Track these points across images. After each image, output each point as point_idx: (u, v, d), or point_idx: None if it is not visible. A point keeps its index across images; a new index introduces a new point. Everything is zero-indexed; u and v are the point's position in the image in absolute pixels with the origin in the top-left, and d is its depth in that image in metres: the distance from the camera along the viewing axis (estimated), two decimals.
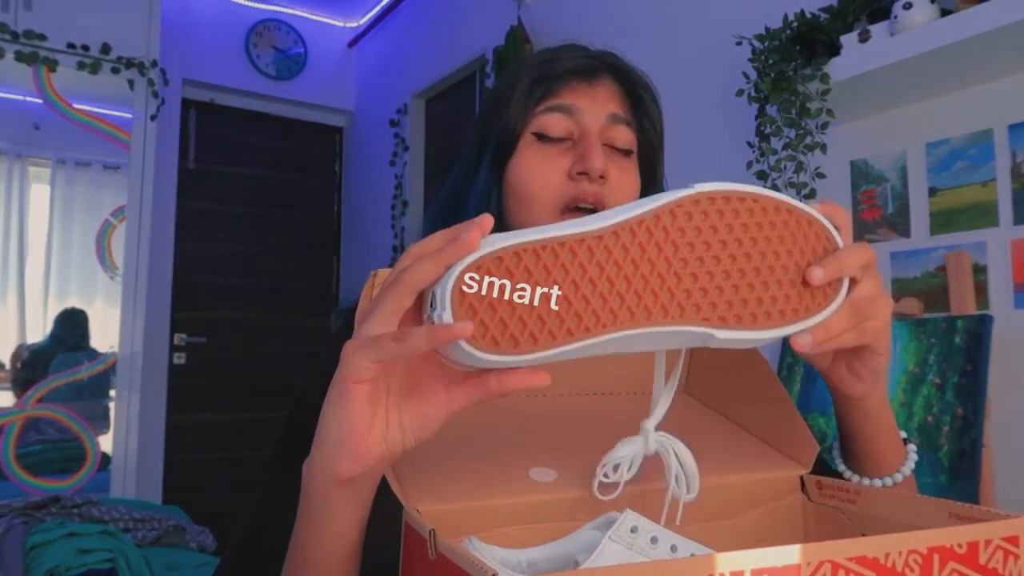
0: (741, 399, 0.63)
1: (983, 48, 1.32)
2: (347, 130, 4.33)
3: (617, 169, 0.70)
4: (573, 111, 0.70)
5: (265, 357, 3.94)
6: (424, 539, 0.39)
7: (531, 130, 0.71)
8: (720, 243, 0.42)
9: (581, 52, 0.74)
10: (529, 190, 0.70)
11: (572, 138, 0.70)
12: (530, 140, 0.71)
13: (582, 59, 0.72)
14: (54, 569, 1.63)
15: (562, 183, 0.69)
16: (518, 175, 0.71)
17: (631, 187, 0.72)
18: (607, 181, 0.69)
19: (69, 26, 2.85)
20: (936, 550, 0.35)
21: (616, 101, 0.72)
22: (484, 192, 0.72)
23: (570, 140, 0.70)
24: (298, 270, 4.13)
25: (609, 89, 0.73)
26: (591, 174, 0.67)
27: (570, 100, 0.70)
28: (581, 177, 0.68)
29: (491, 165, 0.73)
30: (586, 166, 0.67)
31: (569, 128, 0.70)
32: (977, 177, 1.46)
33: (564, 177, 0.69)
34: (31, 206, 3.75)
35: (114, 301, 3.06)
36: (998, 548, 0.37)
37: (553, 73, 0.71)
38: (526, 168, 0.70)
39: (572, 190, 0.68)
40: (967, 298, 1.43)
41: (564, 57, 0.72)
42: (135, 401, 2.93)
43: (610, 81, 0.73)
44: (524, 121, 0.71)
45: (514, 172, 0.71)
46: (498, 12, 2.91)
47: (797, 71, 1.54)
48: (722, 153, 1.95)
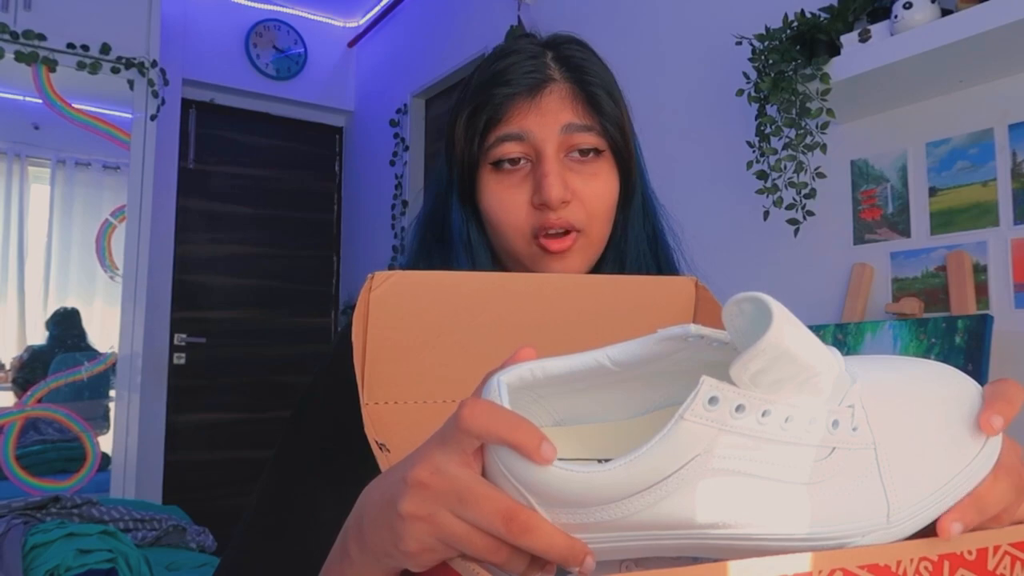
0: None
1: (983, 48, 1.32)
2: (347, 130, 4.33)
3: (582, 179, 0.68)
4: (523, 136, 0.67)
5: (265, 357, 3.94)
6: None
7: (488, 161, 0.69)
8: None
9: (526, 64, 0.69)
10: (499, 222, 0.69)
11: (530, 159, 0.68)
12: (489, 171, 0.69)
13: (525, 76, 0.68)
14: (54, 569, 1.63)
15: (528, 213, 0.67)
16: (485, 209, 0.70)
17: (603, 191, 0.69)
18: (570, 203, 0.67)
19: (69, 26, 2.85)
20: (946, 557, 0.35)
21: (568, 108, 0.68)
22: (462, 226, 0.72)
23: (528, 161, 0.68)
24: (298, 270, 4.13)
25: (560, 94, 0.68)
26: (550, 205, 0.66)
27: (517, 125, 0.67)
28: (544, 207, 0.66)
29: (459, 200, 0.72)
30: (544, 198, 0.65)
31: (525, 151, 0.68)
32: (977, 177, 1.46)
33: (528, 206, 0.67)
34: (31, 206, 3.74)
35: (114, 301, 3.06)
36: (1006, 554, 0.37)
37: (493, 101, 0.68)
38: (491, 202, 0.69)
39: (538, 219, 0.67)
40: (967, 298, 1.43)
41: (507, 77, 0.68)
42: (135, 401, 2.93)
43: (559, 86, 0.69)
44: (479, 154, 0.69)
45: (483, 206, 0.70)
46: (498, 12, 2.91)
47: (797, 71, 1.54)
48: (722, 153, 1.95)
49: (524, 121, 0.67)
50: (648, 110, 2.13)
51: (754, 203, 1.75)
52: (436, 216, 0.75)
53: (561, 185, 0.66)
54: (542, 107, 0.68)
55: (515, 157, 0.68)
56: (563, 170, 0.67)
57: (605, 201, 0.69)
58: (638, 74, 2.22)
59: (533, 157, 0.68)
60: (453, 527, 0.33)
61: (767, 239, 1.81)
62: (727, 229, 1.93)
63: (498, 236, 0.70)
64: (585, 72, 0.69)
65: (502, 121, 0.68)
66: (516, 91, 0.68)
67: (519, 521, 0.32)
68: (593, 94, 0.69)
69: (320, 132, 4.30)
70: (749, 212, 1.82)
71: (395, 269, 0.54)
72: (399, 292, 0.53)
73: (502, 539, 0.33)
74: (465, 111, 0.70)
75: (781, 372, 0.33)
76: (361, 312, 0.52)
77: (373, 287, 0.52)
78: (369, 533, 0.37)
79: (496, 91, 0.68)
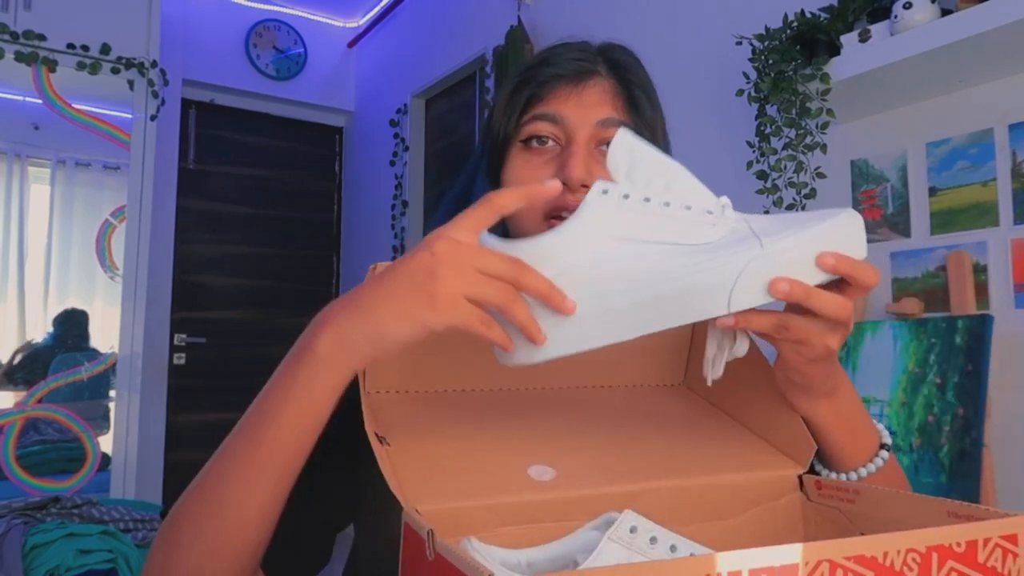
0: (740, 395, 0.63)
1: (983, 48, 1.31)
2: (347, 130, 4.33)
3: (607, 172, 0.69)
4: (558, 119, 0.69)
5: (265, 357, 3.94)
6: (423, 539, 0.39)
7: (519, 138, 0.71)
8: None
9: (575, 53, 0.72)
10: None
11: (560, 143, 0.70)
12: (519, 148, 0.71)
13: (573, 61, 0.70)
14: (54, 569, 1.63)
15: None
16: (507, 182, 0.71)
17: None
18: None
19: (69, 26, 2.85)
20: (935, 549, 0.35)
21: (608, 103, 0.70)
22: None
23: (558, 145, 0.70)
24: (298, 270, 4.13)
25: (601, 89, 0.71)
26: (570, 184, 0.66)
27: (555, 108, 0.69)
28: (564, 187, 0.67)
29: (486, 173, 0.73)
30: (565, 176, 0.66)
31: (556, 134, 0.69)
32: (977, 177, 1.46)
33: None
34: (31, 206, 3.74)
35: (114, 301, 3.06)
36: (996, 546, 0.37)
37: (538, 79, 0.70)
38: (513, 177, 0.70)
39: (554, 201, 0.67)
40: (967, 298, 1.43)
41: (554, 61, 0.71)
42: (135, 401, 2.93)
43: (603, 80, 0.71)
44: (512, 129, 0.71)
45: (504, 181, 0.71)
46: (498, 12, 2.90)
47: (797, 71, 1.54)
48: (722, 153, 1.95)
49: (563, 106, 0.69)
50: None
51: (754, 203, 1.75)
52: (461, 200, 0.75)
53: (584, 168, 0.67)
54: (583, 97, 0.69)
55: (544, 136, 0.69)
56: (590, 159, 0.68)
57: None
58: None
59: (563, 141, 0.69)
60: (477, 277, 0.45)
61: None
62: None
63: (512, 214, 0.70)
64: (629, 72, 0.72)
65: (542, 101, 0.70)
66: (561, 73, 0.69)
67: (521, 263, 0.46)
68: (634, 95, 0.71)
69: (320, 132, 4.30)
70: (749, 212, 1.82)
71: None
72: None
73: (511, 280, 0.46)
74: (509, 86, 0.72)
75: (646, 170, 0.49)
76: None
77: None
78: (372, 312, 0.45)
79: (542, 70, 0.70)
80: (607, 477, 0.52)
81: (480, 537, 0.43)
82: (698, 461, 0.56)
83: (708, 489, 0.53)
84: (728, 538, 0.53)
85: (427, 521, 0.40)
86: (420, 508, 0.45)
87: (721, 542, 0.47)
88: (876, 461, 0.59)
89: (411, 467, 0.49)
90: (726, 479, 0.54)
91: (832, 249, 0.46)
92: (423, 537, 0.39)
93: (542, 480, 0.50)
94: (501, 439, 0.54)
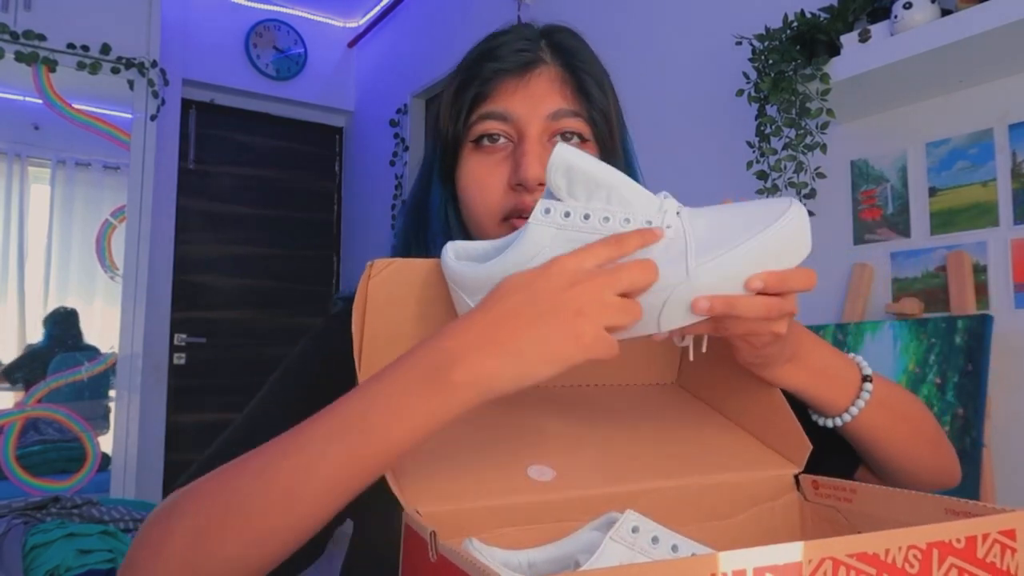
0: (734, 393, 0.63)
1: (983, 48, 1.32)
2: (347, 130, 4.33)
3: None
4: (507, 116, 0.66)
5: (265, 357, 3.94)
6: (425, 541, 0.39)
7: (470, 139, 0.68)
8: None
9: (518, 42, 0.69)
10: (474, 201, 0.68)
11: (512, 139, 0.67)
12: (470, 149, 0.69)
13: (516, 53, 0.68)
14: (54, 569, 1.63)
15: (504, 194, 0.66)
16: (462, 187, 0.69)
17: None
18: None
19: (69, 26, 2.85)
20: (935, 545, 0.36)
21: (556, 92, 0.67)
22: (440, 206, 0.71)
23: (510, 142, 0.67)
24: (298, 270, 4.13)
25: (548, 79, 0.68)
26: (526, 185, 0.64)
27: (503, 104, 0.67)
28: (520, 188, 0.65)
29: (440, 177, 0.71)
30: (520, 177, 0.64)
31: (507, 131, 0.67)
32: (977, 177, 1.46)
33: (505, 187, 0.66)
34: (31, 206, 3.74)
35: (114, 301, 3.06)
36: (995, 542, 0.37)
37: (482, 75, 0.67)
38: (468, 180, 0.68)
39: (512, 201, 0.65)
40: (967, 298, 1.43)
41: (497, 54, 0.68)
42: (135, 401, 2.93)
43: (549, 69, 0.68)
44: (462, 130, 0.68)
45: (460, 184, 0.69)
46: (498, 12, 2.91)
47: (797, 71, 1.54)
48: (722, 153, 1.95)
49: (510, 102, 0.67)
50: (648, 110, 2.13)
51: None
52: (420, 199, 0.74)
53: (540, 166, 0.64)
54: (530, 89, 0.67)
55: (495, 134, 0.67)
56: (544, 153, 0.66)
57: None
58: (638, 74, 2.22)
59: (515, 137, 0.67)
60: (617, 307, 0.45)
61: None
62: None
63: (471, 216, 0.69)
64: (576, 58, 0.69)
65: (488, 99, 0.67)
66: (505, 67, 0.67)
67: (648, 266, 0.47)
68: (582, 80, 0.68)
69: (320, 132, 4.30)
70: None
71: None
72: (398, 280, 0.54)
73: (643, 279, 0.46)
74: (453, 85, 0.69)
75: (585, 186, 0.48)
76: (360, 300, 0.52)
77: (372, 275, 0.52)
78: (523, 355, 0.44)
79: (485, 66, 0.68)
80: (606, 477, 0.52)
81: (481, 538, 0.43)
82: (696, 461, 0.56)
83: (707, 489, 0.53)
84: (727, 538, 0.53)
85: (427, 522, 0.40)
86: (420, 509, 0.45)
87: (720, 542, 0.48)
88: (863, 395, 0.60)
89: (411, 468, 0.49)
90: (724, 479, 0.54)
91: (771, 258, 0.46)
92: (425, 539, 0.39)
93: (542, 481, 0.50)
94: (499, 440, 0.54)
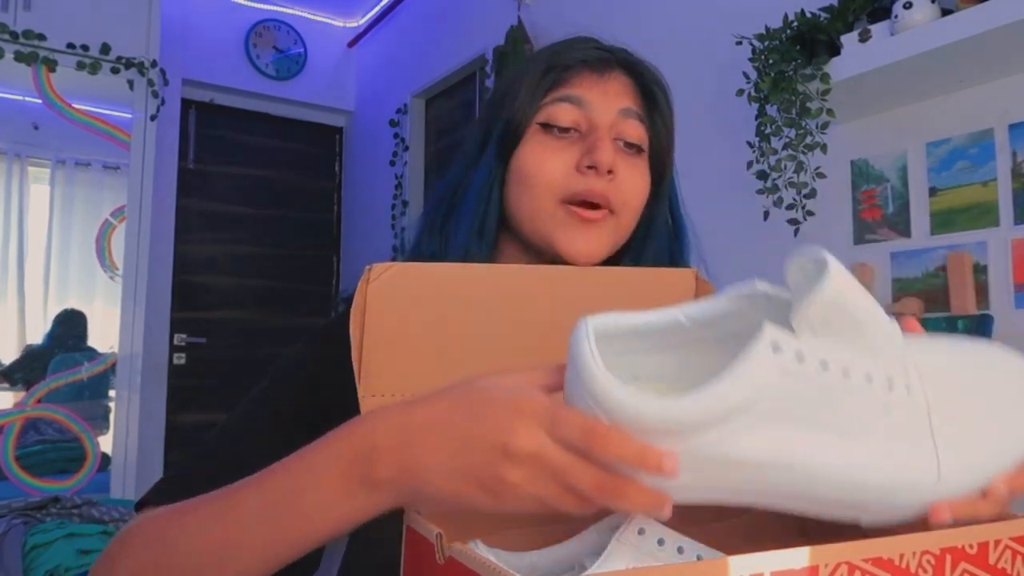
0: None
1: (983, 48, 1.32)
2: (347, 130, 4.33)
3: (627, 166, 0.68)
4: (582, 103, 0.67)
5: (265, 357, 3.94)
6: (430, 543, 0.38)
7: (538, 120, 0.68)
8: None
9: (593, 44, 0.71)
10: (534, 177, 0.67)
11: (580, 130, 0.67)
12: (536, 130, 0.68)
13: (594, 51, 0.70)
14: (54, 570, 1.63)
15: (569, 174, 0.66)
16: (523, 163, 0.68)
17: (640, 186, 0.69)
18: (615, 177, 0.66)
19: (69, 26, 2.84)
20: (948, 551, 0.36)
21: (628, 96, 0.70)
22: (486, 182, 0.70)
23: (577, 132, 0.67)
24: (298, 270, 4.12)
25: (621, 83, 0.70)
26: (599, 168, 0.64)
27: (579, 91, 0.68)
28: (589, 171, 0.65)
29: (495, 154, 0.70)
30: (594, 159, 0.64)
31: (577, 120, 0.67)
32: (977, 177, 1.46)
33: (571, 169, 0.66)
34: (31, 206, 3.75)
35: (114, 301, 3.06)
36: (1007, 548, 0.38)
37: (563, 63, 0.68)
38: (532, 157, 0.67)
39: (579, 183, 0.65)
40: (967, 298, 1.43)
41: (575, 48, 0.70)
42: (135, 401, 2.93)
43: (622, 75, 0.70)
44: (531, 110, 0.68)
45: (519, 160, 0.68)
46: (498, 12, 2.90)
47: (797, 71, 1.54)
48: (722, 153, 1.95)
49: (588, 91, 0.68)
50: None
51: (754, 203, 1.75)
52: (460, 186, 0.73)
53: (613, 154, 0.65)
54: (606, 85, 0.69)
55: (566, 126, 0.67)
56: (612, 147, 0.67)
57: (639, 195, 0.69)
58: None
59: (584, 128, 0.67)
60: (558, 490, 0.37)
61: (767, 239, 1.81)
62: (727, 229, 1.93)
63: (526, 194, 0.68)
64: (645, 72, 0.72)
65: (565, 83, 0.68)
66: (586, 59, 0.69)
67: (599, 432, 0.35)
68: (651, 91, 0.71)
69: (320, 132, 4.30)
70: (749, 212, 1.82)
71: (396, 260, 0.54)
72: (397, 284, 0.53)
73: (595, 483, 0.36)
74: (533, 68, 0.70)
75: (838, 323, 0.35)
76: (359, 304, 0.52)
77: (371, 279, 0.52)
78: (441, 489, 0.40)
79: (567, 56, 0.69)
80: None
81: (484, 540, 0.43)
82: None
83: None
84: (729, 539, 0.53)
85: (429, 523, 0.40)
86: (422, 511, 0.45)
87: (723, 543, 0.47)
88: None
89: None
90: None
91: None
92: (431, 541, 0.38)
93: None
94: None
